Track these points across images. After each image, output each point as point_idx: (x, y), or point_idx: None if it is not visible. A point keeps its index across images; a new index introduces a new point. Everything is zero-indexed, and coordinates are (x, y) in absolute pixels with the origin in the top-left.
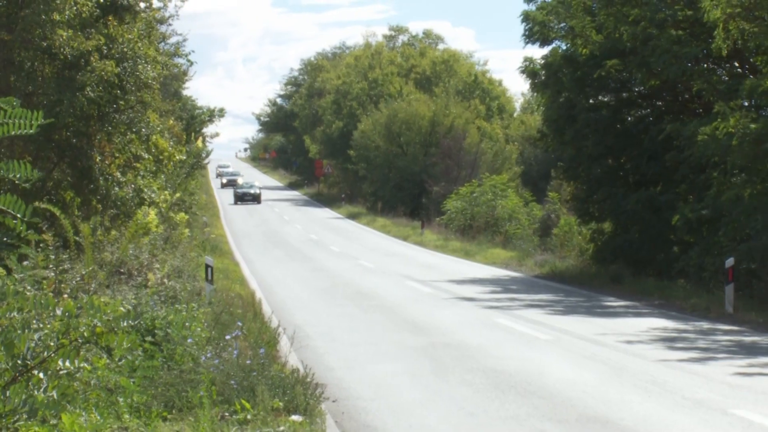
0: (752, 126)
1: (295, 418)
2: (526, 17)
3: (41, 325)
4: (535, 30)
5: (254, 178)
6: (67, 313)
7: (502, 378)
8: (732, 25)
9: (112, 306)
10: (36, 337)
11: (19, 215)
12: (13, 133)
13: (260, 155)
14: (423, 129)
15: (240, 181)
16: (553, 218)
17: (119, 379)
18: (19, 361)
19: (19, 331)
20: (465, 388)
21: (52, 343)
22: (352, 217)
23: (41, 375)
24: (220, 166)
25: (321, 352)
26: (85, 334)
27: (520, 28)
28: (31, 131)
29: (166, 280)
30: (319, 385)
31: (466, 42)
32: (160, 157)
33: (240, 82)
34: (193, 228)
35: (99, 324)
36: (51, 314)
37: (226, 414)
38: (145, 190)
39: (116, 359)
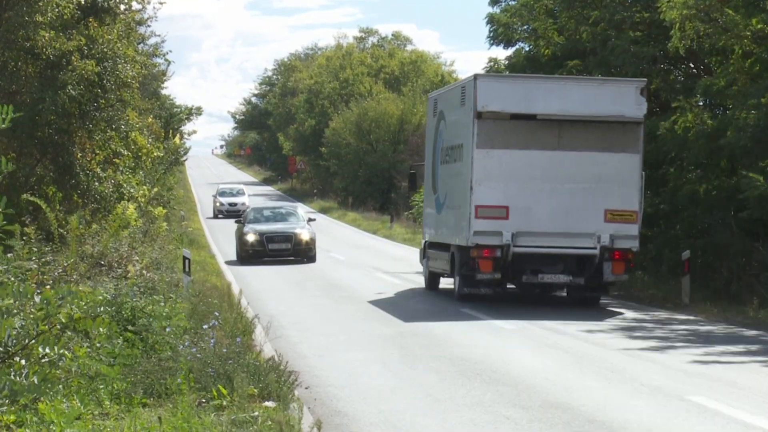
0: (709, 122)
1: (269, 404)
2: (491, 19)
3: (22, 314)
4: (500, 32)
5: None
6: (46, 301)
7: (468, 366)
8: (688, 26)
9: (91, 295)
10: (17, 324)
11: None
12: None
13: (235, 152)
14: (392, 127)
15: (243, 203)
16: None
17: (100, 366)
18: (0, 348)
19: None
20: (432, 375)
21: (33, 331)
22: (324, 211)
23: (23, 362)
24: (219, 193)
25: (294, 341)
26: (63, 319)
27: (483, 30)
28: (3, 126)
29: (145, 272)
30: (293, 373)
31: (431, 44)
32: (139, 154)
33: (213, 82)
34: (171, 222)
35: (77, 310)
36: (31, 303)
37: (204, 400)
38: (125, 185)
39: (96, 345)
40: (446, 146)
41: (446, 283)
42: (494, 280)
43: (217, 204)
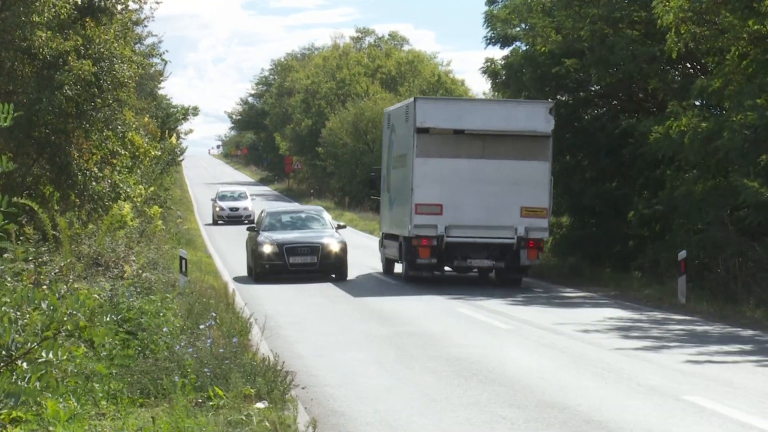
0: (703, 125)
1: (263, 404)
2: (489, 15)
3: (25, 317)
4: (497, 29)
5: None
6: (51, 307)
7: (465, 366)
8: (684, 29)
9: (89, 297)
10: (20, 328)
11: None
12: None
13: (232, 152)
14: None
15: (246, 208)
16: None
17: (96, 366)
18: (3, 352)
19: (6, 325)
20: (429, 375)
21: (35, 335)
22: None
23: (24, 365)
24: (219, 197)
25: (291, 341)
26: (69, 327)
27: (479, 30)
28: (5, 124)
29: (141, 272)
30: (289, 373)
31: (428, 44)
32: (136, 153)
33: (210, 82)
34: (167, 221)
35: (82, 318)
36: (33, 306)
37: (200, 400)
38: (122, 185)
39: (100, 352)
40: (396, 154)
41: (438, 282)
42: (432, 265)
43: (217, 209)
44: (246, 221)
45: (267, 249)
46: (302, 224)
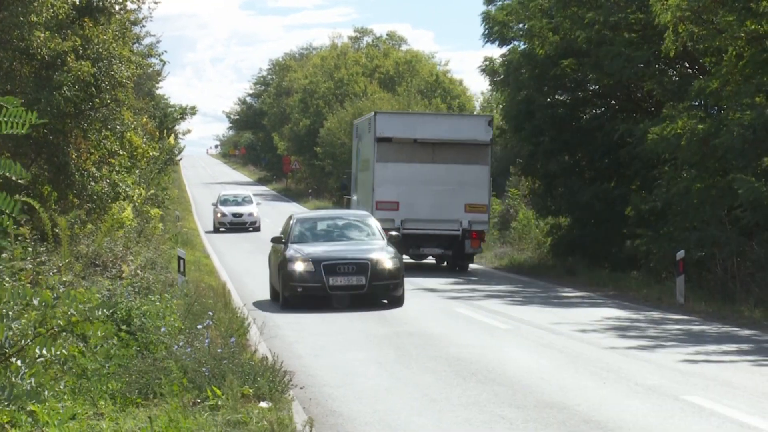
0: (699, 127)
1: (264, 404)
2: (487, 16)
3: (20, 314)
4: (495, 30)
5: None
6: (44, 303)
7: (464, 365)
8: (681, 28)
9: (86, 295)
10: (14, 326)
11: (7, 211)
12: (5, 132)
13: (230, 152)
14: None
15: (251, 214)
16: (512, 212)
17: (94, 367)
18: None
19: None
20: (428, 375)
21: (30, 332)
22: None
23: (19, 363)
24: (221, 201)
25: (289, 341)
26: (61, 323)
27: (477, 30)
28: (22, 131)
29: (140, 272)
30: (288, 373)
31: (426, 44)
32: (134, 154)
33: (208, 82)
34: (165, 222)
35: (75, 314)
36: (28, 304)
37: (198, 400)
38: (120, 185)
39: (92, 347)
40: (362, 159)
41: (436, 282)
42: None
43: (218, 215)
44: (251, 228)
45: (299, 267)
46: (343, 234)
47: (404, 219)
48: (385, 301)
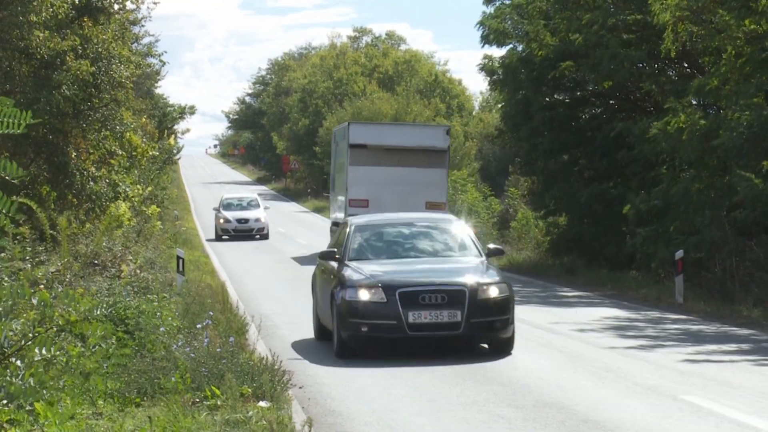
0: (701, 122)
1: (262, 403)
2: (482, 24)
3: (20, 314)
4: (492, 37)
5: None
6: (42, 303)
7: (462, 365)
8: (680, 28)
9: (87, 301)
10: (14, 326)
11: (3, 210)
12: (1, 131)
13: (229, 151)
14: None
15: (258, 219)
16: (511, 212)
17: (93, 366)
18: None
19: None
20: (426, 375)
21: (28, 332)
22: (318, 210)
23: (18, 363)
24: (223, 205)
25: (288, 341)
26: (60, 322)
27: (476, 30)
28: (18, 131)
29: (138, 272)
30: (286, 372)
31: (425, 43)
32: (134, 153)
33: (207, 82)
34: (164, 221)
35: (73, 313)
36: (27, 304)
37: (197, 400)
38: (119, 184)
39: (90, 347)
40: (338, 162)
41: None
42: None
43: (221, 220)
44: (258, 236)
45: (363, 296)
46: (423, 247)
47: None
48: (486, 346)
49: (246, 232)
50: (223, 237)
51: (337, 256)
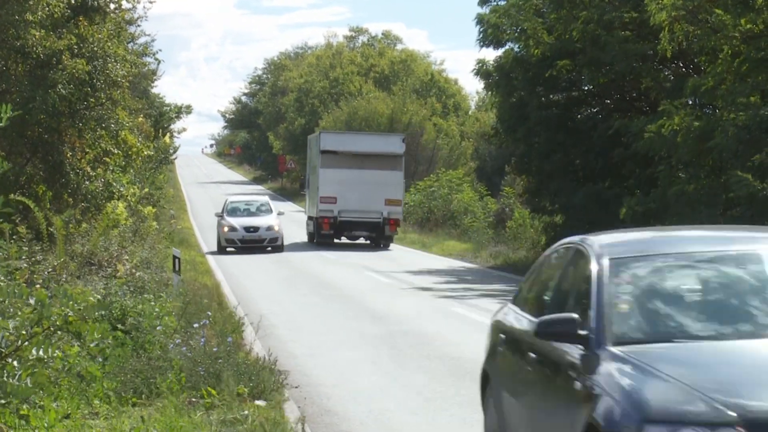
0: (696, 124)
1: (259, 403)
2: (481, 20)
3: (16, 313)
4: (489, 32)
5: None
6: (39, 303)
7: (458, 364)
8: (677, 28)
9: (83, 296)
10: (10, 325)
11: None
12: None
13: (225, 151)
14: (382, 126)
15: (271, 227)
16: (507, 211)
17: (88, 367)
18: None
19: None
20: (422, 374)
21: (24, 332)
22: None
23: (15, 363)
24: (228, 210)
25: (284, 340)
26: (57, 322)
27: (472, 29)
28: (0, 124)
29: (135, 271)
30: (283, 372)
31: (421, 43)
32: (129, 153)
33: (203, 81)
34: (160, 221)
35: (71, 313)
36: (24, 303)
37: (194, 399)
38: (115, 184)
39: (88, 346)
40: (312, 165)
41: (431, 281)
42: (331, 235)
43: (225, 228)
44: (270, 247)
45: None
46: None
47: (341, 210)
48: None
49: (256, 243)
50: (228, 249)
51: (581, 332)
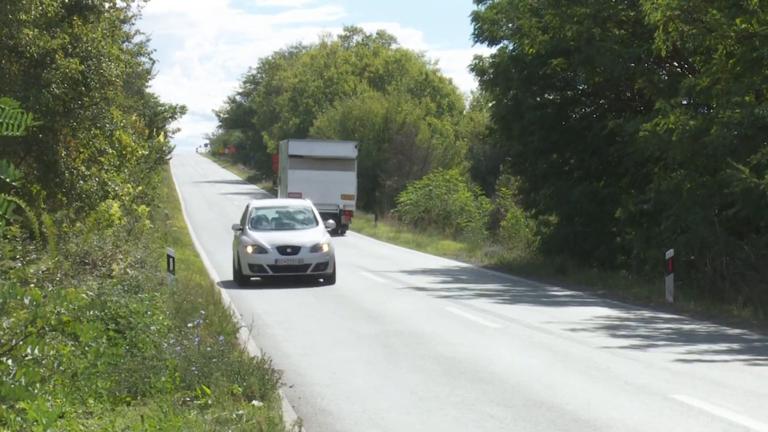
0: (691, 123)
1: (253, 403)
2: (476, 17)
3: (11, 312)
4: (485, 29)
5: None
6: (34, 302)
7: (453, 364)
8: (671, 27)
9: (75, 295)
10: (4, 325)
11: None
12: (2, 133)
13: (220, 150)
14: (376, 125)
15: (318, 246)
16: (502, 211)
17: (81, 365)
18: None
19: None
20: (417, 374)
21: (19, 331)
22: None
23: (9, 362)
24: (253, 221)
25: (279, 340)
26: (52, 322)
27: (466, 29)
28: (17, 133)
29: (129, 271)
30: (277, 371)
31: (415, 42)
32: (124, 152)
33: (197, 80)
34: (155, 220)
35: (65, 313)
36: (19, 303)
37: (187, 399)
38: (109, 183)
39: (83, 346)
40: (281, 167)
41: (426, 281)
42: None
43: (248, 249)
44: (313, 273)
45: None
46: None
47: None
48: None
49: (295, 270)
50: (252, 278)
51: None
